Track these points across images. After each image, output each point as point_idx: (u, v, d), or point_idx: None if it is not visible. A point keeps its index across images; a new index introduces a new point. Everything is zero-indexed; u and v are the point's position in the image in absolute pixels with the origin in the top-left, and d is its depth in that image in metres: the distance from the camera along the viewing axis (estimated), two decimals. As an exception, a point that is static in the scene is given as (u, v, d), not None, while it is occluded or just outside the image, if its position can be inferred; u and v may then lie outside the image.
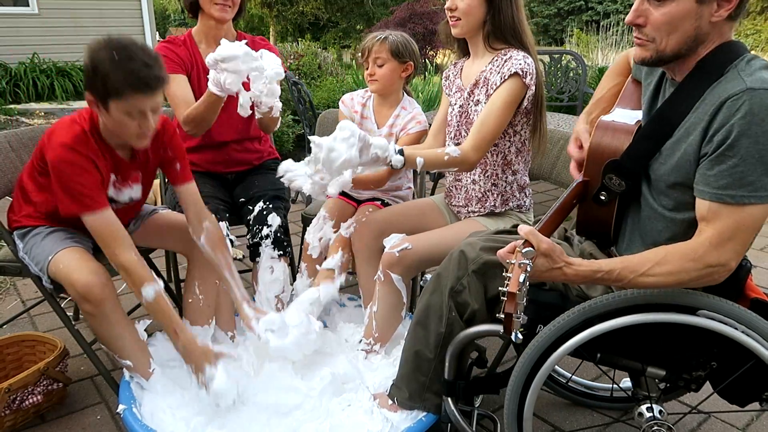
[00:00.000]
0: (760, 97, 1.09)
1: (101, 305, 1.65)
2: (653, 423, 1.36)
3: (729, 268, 1.17)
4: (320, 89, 5.49)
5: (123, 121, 1.58)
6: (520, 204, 1.93)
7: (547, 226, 1.37)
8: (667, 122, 1.24)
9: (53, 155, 1.60)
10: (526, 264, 1.13)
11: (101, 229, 1.64)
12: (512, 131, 1.83)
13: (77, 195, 1.61)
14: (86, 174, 1.62)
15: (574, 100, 5.08)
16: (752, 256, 1.35)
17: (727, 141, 1.11)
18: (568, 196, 1.41)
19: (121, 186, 1.80)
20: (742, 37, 15.03)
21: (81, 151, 1.61)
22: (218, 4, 2.08)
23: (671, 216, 1.27)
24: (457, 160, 1.74)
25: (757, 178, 1.11)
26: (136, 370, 1.73)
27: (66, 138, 1.60)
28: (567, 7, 23.93)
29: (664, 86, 1.33)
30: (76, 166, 1.60)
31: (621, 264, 1.22)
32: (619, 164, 1.32)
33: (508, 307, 1.10)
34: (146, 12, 9.48)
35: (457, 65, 1.99)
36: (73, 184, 1.60)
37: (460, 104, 1.90)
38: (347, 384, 1.79)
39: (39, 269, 1.75)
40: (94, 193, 1.63)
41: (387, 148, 1.63)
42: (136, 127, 1.60)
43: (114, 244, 1.64)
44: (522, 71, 1.71)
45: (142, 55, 1.53)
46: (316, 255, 2.10)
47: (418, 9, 10.60)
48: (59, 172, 1.60)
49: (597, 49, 7.99)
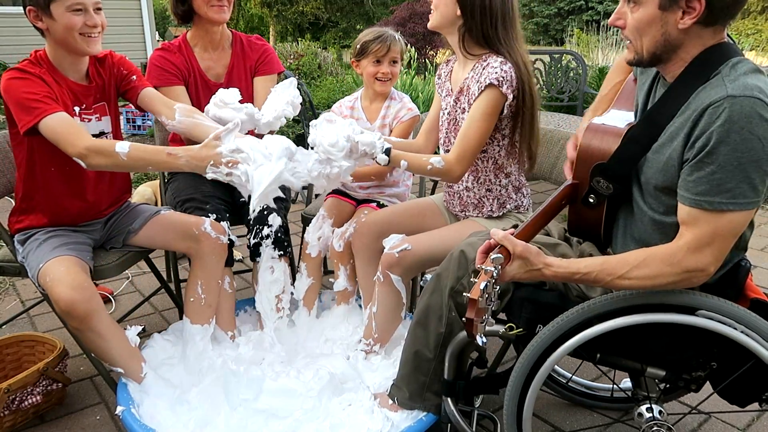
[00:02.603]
0: (740, 105, 1.09)
1: (86, 321, 1.64)
2: (653, 423, 1.36)
3: (707, 273, 1.17)
4: (320, 89, 5.49)
5: (69, 21, 1.66)
6: (517, 205, 1.92)
7: (528, 228, 1.38)
8: (655, 125, 1.25)
9: (3, 85, 1.66)
10: (491, 271, 1.16)
11: (58, 128, 1.64)
12: (500, 135, 1.80)
13: (29, 104, 1.63)
14: (33, 84, 1.66)
15: (574, 100, 5.08)
16: (752, 256, 1.34)
17: (706, 148, 1.12)
18: (555, 197, 1.42)
19: (89, 116, 1.83)
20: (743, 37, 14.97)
21: (28, 70, 1.68)
22: (215, 6, 2.06)
23: (661, 219, 1.27)
24: (440, 171, 1.73)
25: (735, 185, 1.11)
26: (128, 376, 1.74)
27: (12, 68, 1.68)
28: (567, 6, 23.92)
29: (656, 86, 1.33)
30: (23, 80, 1.66)
31: (600, 266, 1.22)
32: (606, 167, 1.32)
33: (469, 312, 1.13)
34: (146, 12, 9.47)
35: (449, 64, 1.97)
36: (23, 95, 1.64)
37: (448, 110, 1.88)
38: (346, 384, 1.79)
39: (32, 276, 1.75)
40: (44, 98, 1.65)
41: (374, 145, 1.66)
42: (82, 25, 1.67)
43: (72, 136, 1.64)
44: (498, 80, 1.66)
45: None
46: (316, 254, 2.11)
47: (418, 9, 10.60)
48: (9, 91, 1.65)
49: (597, 49, 7.98)
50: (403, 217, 2.01)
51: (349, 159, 1.67)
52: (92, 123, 1.85)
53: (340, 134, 1.64)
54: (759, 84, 1.11)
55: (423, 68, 7.13)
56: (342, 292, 2.09)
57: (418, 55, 7.32)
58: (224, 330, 2.02)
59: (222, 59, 2.21)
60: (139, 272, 2.91)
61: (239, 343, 1.99)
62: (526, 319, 1.39)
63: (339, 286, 2.09)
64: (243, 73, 2.23)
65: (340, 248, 2.04)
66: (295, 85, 1.97)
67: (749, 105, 1.08)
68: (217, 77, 2.21)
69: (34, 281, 1.74)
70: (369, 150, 1.67)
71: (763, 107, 1.08)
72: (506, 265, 1.23)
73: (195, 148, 1.63)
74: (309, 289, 2.11)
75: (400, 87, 5.69)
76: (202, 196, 2.10)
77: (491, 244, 1.25)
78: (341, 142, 1.63)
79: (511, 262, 1.24)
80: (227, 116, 1.80)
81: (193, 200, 2.09)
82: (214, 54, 2.20)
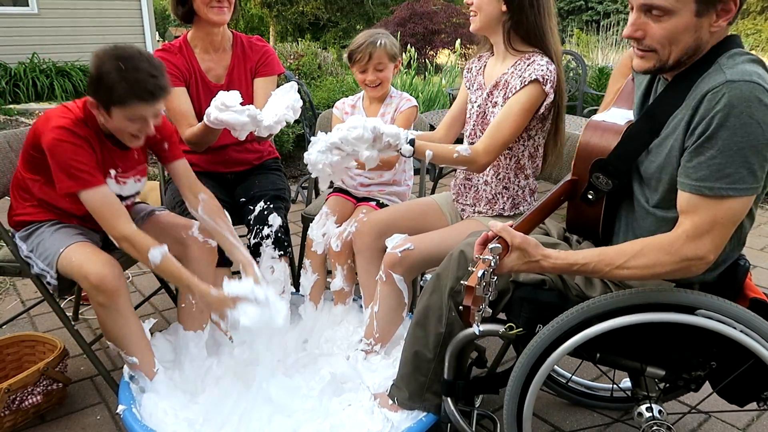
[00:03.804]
0: (740, 89, 1.09)
1: (114, 296, 1.66)
2: (653, 423, 1.36)
3: (707, 261, 1.17)
4: (320, 89, 5.48)
5: (124, 126, 1.66)
6: (529, 209, 1.92)
7: (527, 222, 1.39)
8: (655, 120, 1.25)
9: (50, 137, 1.64)
10: (489, 260, 1.16)
11: (99, 205, 1.67)
12: (527, 135, 1.81)
13: (74, 172, 1.64)
14: (82, 152, 1.65)
15: (574, 100, 5.09)
16: (752, 256, 1.35)
17: (706, 132, 1.12)
18: (554, 193, 1.42)
19: (125, 179, 1.83)
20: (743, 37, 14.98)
21: (77, 132, 1.66)
22: (215, 7, 2.04)
23: (662, 215, 1.27)
24: (466, 159, 1.72)
25: (734, 171, 1.11)
26: (140, 368, 1.74)
27: (62, 121, 1.66)
28: (567, 7, 23.92)
29: (656, 85, 1.33)
30: (73, 144, 1.64)
31: (598, 257, 1.22)
32: (605, 163, 1.32)
33: (466, 300, 1.14)
34: (146, 12, 9.47)
35: (482, 59, 1.97)
36: (70, 161, 1.63)
37: (479, 104, 1.89)
38: (346, 384, 1.79)
39: (47, 264, 1.75)
40: (91, 169, 1.66)
41: (399, 136, 1.65)
42: (135, 131, 1.67)
43: (113, 217, 1.67)
44: (543, 78, 1.69)
45: (147, 66, 1.60)
46: (321, 251, 2.11)
47: (418, 9, 10.61)
48: (56, 151, 1.64)
49: (597, 49, 7.98)
50: (404, 216, 2.01)
51: (371, 149, 1.66)
52: (129, 185, 1.86)
53: (367, 125, 1.62)
54: (757, 71, 1.12)
55: (423, 68, 7.13)
56: (339, 292, 2.09)
57: (418, 55, 7.31)
58: (223, 330, 2.01)
59: (222, 60, 2.20)
60: (139, 272, 2.91)
61: (238, 344, 1.99)
62: (526, 318, 1.40)
63: (336, 286, 2.08)
64: (243, 74, 2.22)
65: (338, 248, 2.04)
66: (296, 89, 1.96)
67: (748, 89, 1.08)
68: (218, 78, 2.20)
69: (48, 269, 1.74)
70: (393, 141, 1.65)
71: (762, 92, 1.08)
72: (504, 256, 1.23)
73: (211, 299, 1.70)
74: (314, 285, 2.11)
75: (400, 87, 5.69)
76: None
77: (489, 236, 1.25)
78: (366, 134, 1.61)
79: (509, 254, 1.23)
80: (230, 119, 1.79)
81: (192, 200, 2.08)
82: (215, 55, 2.19)
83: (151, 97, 1.61)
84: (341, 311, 2.10)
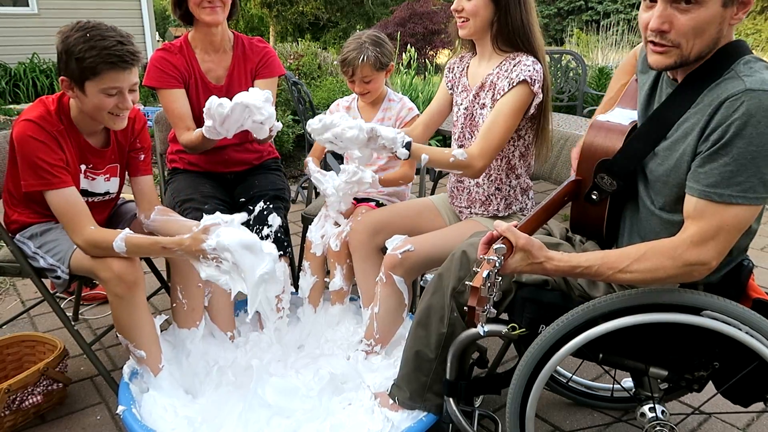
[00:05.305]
0: (759, 99, 1.08)
1: (133, 288, 1.66)
2: (656, 423, 1.36)
3: (709, 267, 1.16)
4: (320, 89, 5.48)
5: (100, 101, 1.62)
6: (522, 207, 1.92)
7: (531, 222, 1.38)
8: (663, 123, 1.24)
9: (17, 130, 1.63)
10: (494, 260, 1.16)
11: (64, 207, 1.65)
12: (516, 136, 1.82)
13: (39, 171, 1.62)
14: (48, 150, 1.63)
15: (574, 100, 5.08)
16: (753, 256, 1.34)
17: (722, 140, 1.11)
18: (558, 193, 1.42)
19: (95, 175, 1.81)
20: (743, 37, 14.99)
21: (44, 127, 1.64)
22: (206, 8, 2.02)
23: (668, 218, 1.27)
24: (462, 163, 1.72)
25: (746, 179, 1.11)
26: (147, 363, 1.73)
27: (30, 114, 1.64)
28: (567, 6, 23.91)
29: (661, 86, 1.32)
30: (39, 141, 1.62)
31: (600, 260, 1.22)
32: (611, 164, 1.32)
33: (471, 300, 1.14)
34: (146, 12, 9.46)
35: (464, 60, 1.97)
36: (36, 159, 1.62)
37: (465, 106, 1.89)
38: (346, 384, 1.79)
39: (58, 260, 1.74)
40: (57, 170, 1.64)
41: (395, 140, 1.65)
42: (114, 106, 1.64)
43: (77, 220, 1.65)
44: (531, 78, 1.69)
45: (114, 34, 1.59)
46: (320, 253, 2.10)
47: (418, 9, 10.61)
48: (22, 146, 1.62)
49: (597, 49, 7.99)
50: (399, 216, 2.01)
51: (364, 149, 1.66)
52: (98, 181, 1.84)
53: (364, 127, 1.62)
54: None
55: (423, 68, 7.12)
56: (337, 291, 2.08)
57: (418, 55, 7.31)
58: (223, 330, 2.00)
59: (223, 62, 2.19)
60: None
61: (238, 344, 1.99)
62: (529, 319, 1.39)
63: (335, 285, 2.08)
64: (244, 75, 2.21)
65: (337, 248, 2.04)
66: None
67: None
68: (218, 80, 2.19)
69: (59, 264, 1.73)
70: (389, 144, 1.64)
71: None
72: (508, 257, 1.23)
73: (186, 241, 1.58)
74: (313, 287, 2.11)
75: (400, 87, 5.68)
76: (201, 196, 2.10)
77: (494, 236, 1.25)
78: (361, 135, 1.61)
79: (513, 254, 1.23)
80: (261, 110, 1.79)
81: (192, 200, 2.08)
82: (215, 56, 2.18)
83: (121, 61, 1.58)
84: (339, 311, 2.10)
